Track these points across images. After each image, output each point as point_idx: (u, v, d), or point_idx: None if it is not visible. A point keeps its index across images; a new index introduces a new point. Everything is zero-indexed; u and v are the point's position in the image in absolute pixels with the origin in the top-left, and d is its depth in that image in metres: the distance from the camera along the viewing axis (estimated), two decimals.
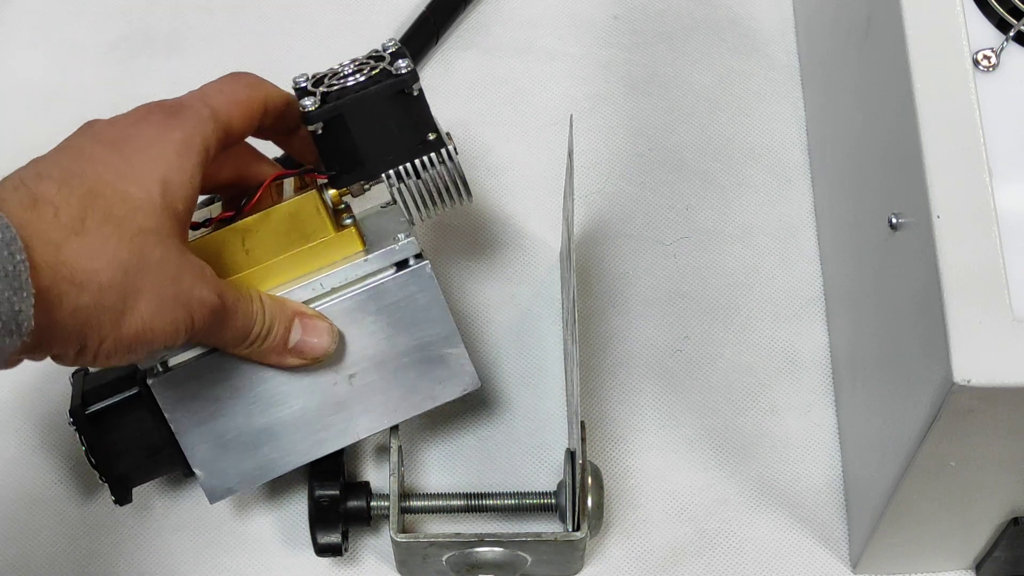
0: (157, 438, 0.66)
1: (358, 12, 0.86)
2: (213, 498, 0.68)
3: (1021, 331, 0.55)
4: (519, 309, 0.78)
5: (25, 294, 0.51)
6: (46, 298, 0.52)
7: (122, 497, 0.68)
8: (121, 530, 0.73)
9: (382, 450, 0.74)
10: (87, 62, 0.85)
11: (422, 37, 0.84)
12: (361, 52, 0.84)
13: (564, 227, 0.75)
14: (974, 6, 0.63)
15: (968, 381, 0.54)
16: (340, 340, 0.66)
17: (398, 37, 0.83)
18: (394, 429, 0.69)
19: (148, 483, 0.71)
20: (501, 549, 0.68)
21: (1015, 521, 0.66)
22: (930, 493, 0.64)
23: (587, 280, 0.79)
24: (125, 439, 0.67)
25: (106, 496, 0.71)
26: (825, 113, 0.79)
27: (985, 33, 0.62)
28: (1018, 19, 0.62)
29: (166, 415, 0.65)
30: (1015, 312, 0.56)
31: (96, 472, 0.67)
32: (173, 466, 0.68)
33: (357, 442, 0.69)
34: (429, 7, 0.84)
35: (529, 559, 0.69)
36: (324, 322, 0.65)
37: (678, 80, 0.84)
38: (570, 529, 0.69)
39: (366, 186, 0.66)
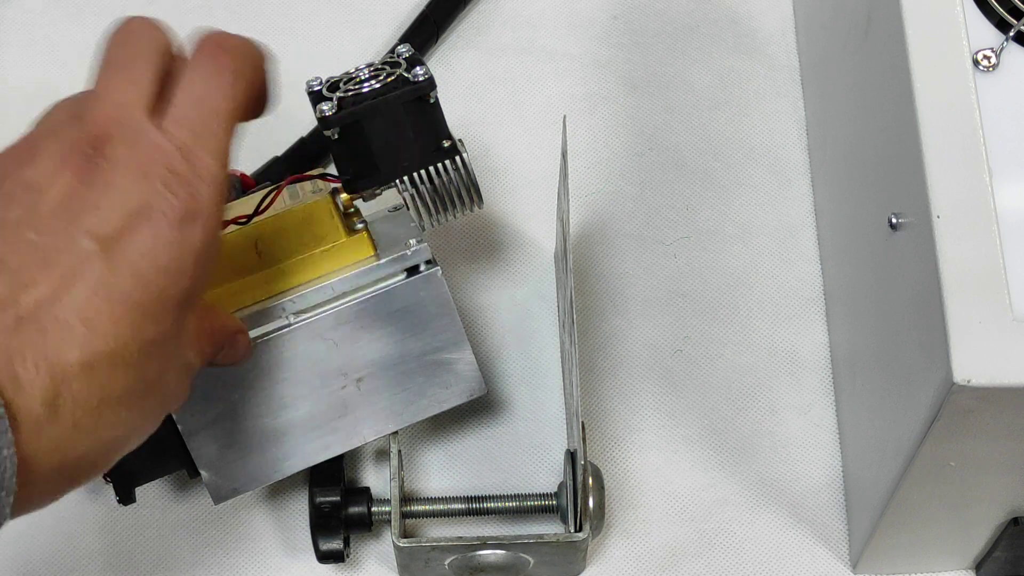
0: (164, 437, 0.66)
1: (358, 11, 0.86)
2: (218, 499, 0.68)
3: (1021, 331, 0.55)
4: (518, 309, 0.78)
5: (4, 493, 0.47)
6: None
7: (126, 497, 0.68)
8: (120, 530, 0.73)
9: (381, 454, 0.74)
10: (86, 62, 0.84)
11: (422, 36, 0.83)
12: (360, 51, 0.85)
13: (559, 228, 0.75)
14: (974, 6, 0.63)
15: (968, 381, 0.54)
16: (349, 343, 0.65)
17: (398, 36, 0.83)
18: (394, 433, 0.69)
19: (149, 483, 0.71)
20: (503, 552, 0.68)
21: (1015, 521, 0.66)
22: (930, 493, 0.64)
23: (587, 280, 0.79)
24: None
25: (105, 496, 0.71)
26: (825, 113, 0.79)
27: (985, 33, 0.62)
28: (1018, 19, 0.62)
29: (174, 416, 0.65)
30: (1015, 312, 0.56)
31: None
32: (178, 466, 0.68)
33: (356, 447, 0.69)
34: (429, 6, 0.84)
35: (531, 561, 0.69)
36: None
37: (678, 80, 0.84)
38: (572, 530, 0.69)
39: (377, 191, 0.66)
